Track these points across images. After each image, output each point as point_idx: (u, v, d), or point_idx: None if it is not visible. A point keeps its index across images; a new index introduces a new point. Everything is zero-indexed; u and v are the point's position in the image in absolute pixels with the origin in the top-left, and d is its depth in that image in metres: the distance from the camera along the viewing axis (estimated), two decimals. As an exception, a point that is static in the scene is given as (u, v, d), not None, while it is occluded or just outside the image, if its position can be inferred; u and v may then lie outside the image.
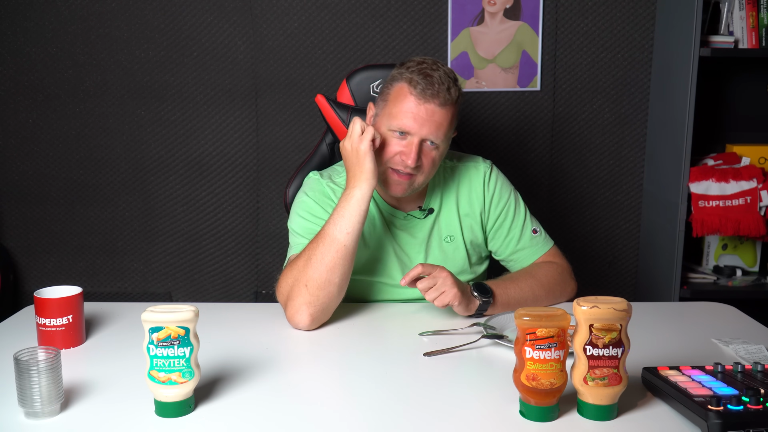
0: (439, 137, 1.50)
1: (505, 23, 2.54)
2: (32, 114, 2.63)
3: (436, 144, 1.51)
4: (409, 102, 1.48)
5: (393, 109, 1.50)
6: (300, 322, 1.43)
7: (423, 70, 1.49)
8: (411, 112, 1.48)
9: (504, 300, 1.52)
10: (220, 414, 1.08)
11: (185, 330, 1.05)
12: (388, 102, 1.52)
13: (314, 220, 1.57)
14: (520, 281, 1.57)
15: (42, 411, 1.05)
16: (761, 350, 1.29)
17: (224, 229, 2.69)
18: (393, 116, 1.50)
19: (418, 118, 1.48)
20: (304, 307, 1.42)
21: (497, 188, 1.67)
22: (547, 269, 1.63)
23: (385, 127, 1.52)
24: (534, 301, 1.56)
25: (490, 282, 1.54)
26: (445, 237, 1.65)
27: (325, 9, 2.53)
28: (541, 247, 1.67)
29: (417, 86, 1.47)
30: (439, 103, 1.48)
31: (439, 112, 1.48)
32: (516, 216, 1.67)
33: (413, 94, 1.48)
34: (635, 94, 2.61)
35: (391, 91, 1.53)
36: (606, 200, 2.69)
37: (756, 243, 2.54)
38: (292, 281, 1.45)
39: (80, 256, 2.74)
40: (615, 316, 1.03)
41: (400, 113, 1.49)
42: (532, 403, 1.04)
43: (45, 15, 2.56)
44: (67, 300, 1.32)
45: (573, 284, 1.65)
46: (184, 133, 2.63)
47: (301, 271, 1.44)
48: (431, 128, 1.49)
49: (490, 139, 2.62)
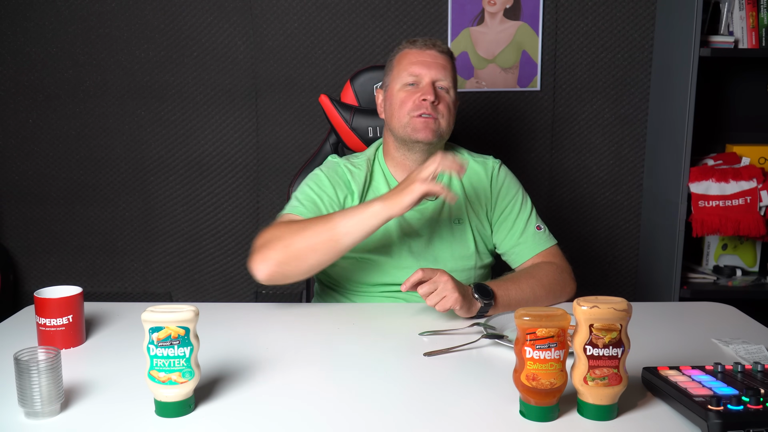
0: (447, 79, 1.63)
1: (505, 23, 2.54)
2: (32, 114, 2.63)
3: (446, 88, 1.63)
4: (413, 54, 1.64)
5: (400, 65, 1.65)
6: (259, 272, 1.46)
7: (417, 37, 1.68)
8: (417, 59, 1.63)
9: (505, 301, 1.52)
10: (220, 414, 1.08)
11: (185, 330, 1.05)
12: (394, 67, 1.67)
13: (319, 192, 1.62)
14: (521, 281, 1.57)
15: (42, 411, 1.05)
16: (761, 350, 1.29)
17: (224, 229, 2.69)
18: (402, 71, 1.64)
19: (424, 63, 1.62)
20: (272, 263, 1.45)
21: (505, 183, 1.73)
22: (547, 269, 1.63)
23: (397, 86, 1.64)
24: (535, 301, 1.56)
25: (491, 283, 1.54)
26: (454, 219, 1.68)
27: (325, 9, 2.53)
28: (543, 242, 1.69)
29: (416, 42, 1.65)
30: (438, 50, 1.64)
31: (441, 57, 1.63)
32: (522, 210, 1.71)
33: (414, 47, 1.65)
34: (635, 94, 2.61)
35: (394, 58, 1.68)
36: (606, 200, 2.69)
37: (756, 243, 2.54)
38: (278, 235, 1.47)
39: (80, 256, 2.74)
40: (615, 316, 1.03)
41: (408, 65, 1.63)
42: (532, 403, 1.04)
43: (45, 15, 2.56)
44: (67, 300, 1.32)
45: (573, 285, 1.65)
46: (184, 133, 2.63)
47: (292, 233, 1.46)
48: (438, 69, 1.62)
49: (490, 139, 2.62)
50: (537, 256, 1.67)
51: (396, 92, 1.63)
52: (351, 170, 1.67)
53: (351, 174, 1.67)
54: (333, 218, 1.46)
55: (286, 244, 1.45)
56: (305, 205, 1.59)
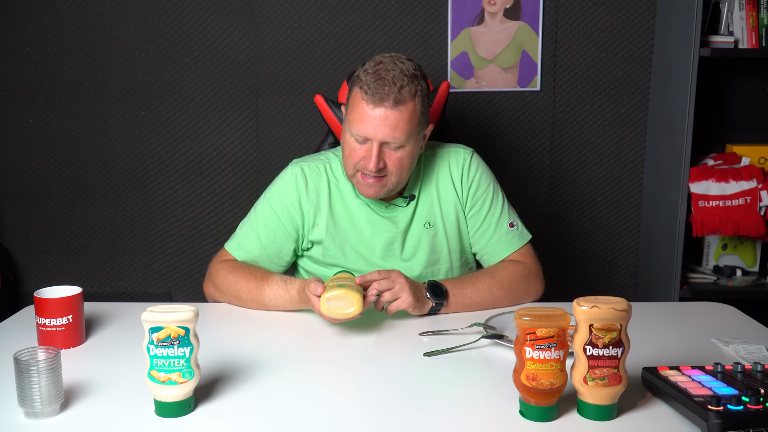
0: (399, 138, 1.50)
1: (505, 23, 2.54)
2: (32, 114, 2.63)
3: (399, 144, 1.51)
4: (362, 108, 1.49)
5: (351, 114, 1.53)
6: (205, 294, 1.67)
7: (377, 72, 1.49)
8: (365, 117, 1.49)
9: (459, 300, 1.52)
10: (220, 414, 1.08)
11: (185, 330, 1.05)
12: (349, 107, 1.55)
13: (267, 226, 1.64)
14: (477, 282, 1.56)
15: (42, 411, 1.05)
16: (761, 350, 1.29)
17: (224, 229, 2.69)
18: (351, 122, 1.52)
19: (372, 123, 1.48)
20: (214, 296, 1.64)
21: (477, 175, 1.67)
22: (511, 269, 1.61)
23: (348, 132, 1.54)
24: (492, 302, 1.55)
25: (447, 282, 1.54)
26: (425, 223, 1.65)
27: (325, 9, 2.53)
28: (514, 243, 1.66)
29: (368, 91, 1.48)
30: (390, 105, 1.47)
31: (392, 114, 1.48)
32: (492, 208, 1.66)
33: (364, 99, 1.49)
34: (635, 94, 2.61)
35: (350, 96, 1.55)
36: (606, 200, 2.69)
37: (756, 243, 2.54)
38: (221, 280, 1.60)
39: (80, 256, 2.74)
40: (615, 316, 1.03)
41: (356, 119, 1.50)
42: (532, 403, 1.04)
43: (45, 15, 2.56)
44: (67, 300, 1.32)
45: (539, 286, 1.63)
46: (184, 133, 2.63)
47: (230, 283, 1.58)
48: (386, 131, 1.48)
49: (490, 139, 2.62)
50: (507, 257, 1.66)
51: (346, 138, 1.55)
52: (306, 178, 1.63)
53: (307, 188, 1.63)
54: (262, 287, 1.54)
55: (225, 290, 1.59)
56: (243, 248, 1.64)
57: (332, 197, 1.63)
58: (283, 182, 1.65)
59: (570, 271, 2.72)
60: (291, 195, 1.63)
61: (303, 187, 1.62)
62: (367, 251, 1.64)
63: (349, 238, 1.63)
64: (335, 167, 1.66)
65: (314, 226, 1.63)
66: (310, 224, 1.63)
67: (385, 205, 1.64)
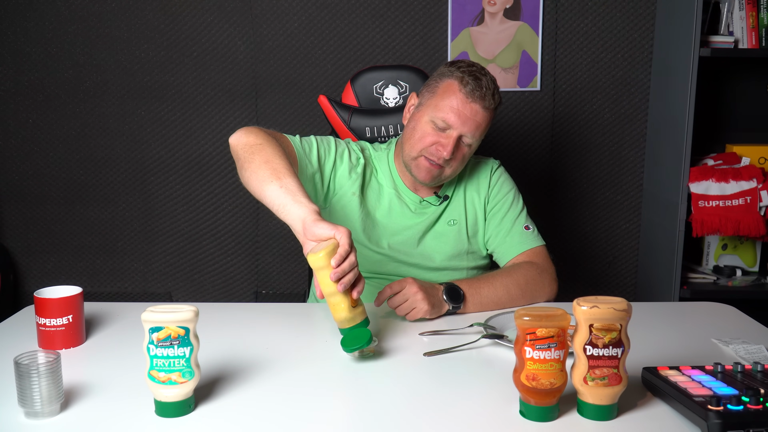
0: (476, 136, 1.59)
1: (505, 23, 2.54)
2: (32, 114, 2.64)
3: (470, 143, 1.60)
4: (457, 99, 1.56)
5: (440, 102, 1.58)
6: (235, 138, 1.47)
7: (473, 73, 1.58)
8: (457, 108, 1.56)
9: (476, 300, 1.53)
10: (220, 414, 1.08)
11: (185, 330, 1.05)
12: (436, 95, 1.60)
13: (321, 144, 1.63)
14: (494, 281, 1.58)
15: (42, 411, 1.05)
16: (761, 350, 1.29)
17: (224, 229, 2.69)
18: (439, 109, 1.58)
19: (462, 115, 1.56)
20: (240, 140, 1.46)
21: (499, 181, 1.75)
22: (526, 269, 1.63)
23: (428, 117, 1.59)
24: (509, 300, 1.57)
25: (464, 282, 1.55)
26: (449, 221, 1.70)
27: (325, 9, 2.53)
28: (528, 242, 1.69)
29: (467, 85, 1.56)
30: (483, 105, 1.57)
31: (481, 113, 1.58)
32: (511, 209, 1.73)
33: (462, 92, 1.56)
34: (635, 94, 2.61)
35: (440, 85, 1.60)
36: (606, 200, 2.69)
37: (756, 243, 2.54)
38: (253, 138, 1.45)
39: (80, 256, 2.74)
40: (615, 316, 1.03)
41: (447, 107, 1.57)
42: (532, 403, 1.04)
43: (45, 15, 2.56)
44: (67, 300, 1.32)
45: (553, 286, 1.65)
46: (184, 133, 2.63)
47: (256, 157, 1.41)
48: (471, 127, 1.57)
49: (490, 139, 2.61)
50: (521, 255, 1.68)
51: (423, 122, 1.60)
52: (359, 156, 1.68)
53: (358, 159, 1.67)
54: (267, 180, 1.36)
55: (253, 158, 1.41)
56: (300, 148, 1.58)
57: (366, 175, 1.68)
58: (336, 140, 1.68)
59: (570, 271, 2.72)
60: (339, 147, 1.66)
61: (346, 153, 1.66)
62: (387, 234, 1.67)
63: (375, 217, 1.67)
64: (375, 155, 1.72)
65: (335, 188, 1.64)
66: (333, 185, 1.64)
67: (419, 200, 1.69)
